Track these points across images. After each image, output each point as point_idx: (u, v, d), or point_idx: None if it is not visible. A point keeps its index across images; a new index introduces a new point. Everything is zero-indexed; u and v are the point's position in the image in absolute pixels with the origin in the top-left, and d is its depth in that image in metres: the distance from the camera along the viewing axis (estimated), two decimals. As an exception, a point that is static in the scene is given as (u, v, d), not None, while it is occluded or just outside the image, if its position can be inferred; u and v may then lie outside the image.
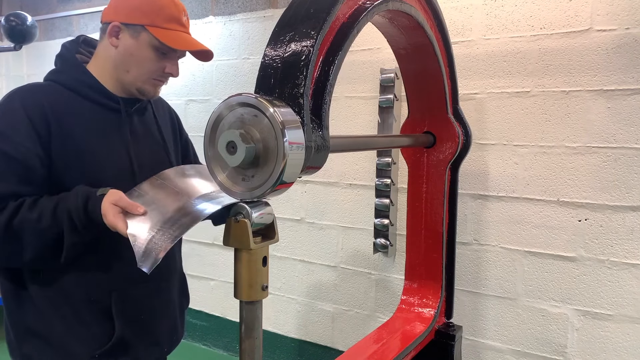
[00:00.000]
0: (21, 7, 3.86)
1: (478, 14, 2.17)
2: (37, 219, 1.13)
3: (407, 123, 1.83)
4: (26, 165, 1.17)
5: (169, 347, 1.46)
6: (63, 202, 1.15)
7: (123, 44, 1.29)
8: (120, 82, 1.32)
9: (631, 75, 1.90)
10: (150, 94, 1.35)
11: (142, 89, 1.33)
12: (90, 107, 1.29)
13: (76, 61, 1.33)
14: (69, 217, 1.13)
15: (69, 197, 1.15)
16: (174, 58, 1.34)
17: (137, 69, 1.30)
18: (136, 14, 1.27)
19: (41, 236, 1.14)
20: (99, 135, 1.27)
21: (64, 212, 1.14)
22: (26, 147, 1.17)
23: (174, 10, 1.30)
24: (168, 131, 1.51)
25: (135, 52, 1.29)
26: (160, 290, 1.40)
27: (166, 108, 1.57)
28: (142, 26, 1.27)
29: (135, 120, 1.38)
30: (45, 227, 1.13)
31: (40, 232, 1.13)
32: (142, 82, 1.32)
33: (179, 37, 1.30)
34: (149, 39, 1.27)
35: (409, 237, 1.88)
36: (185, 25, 1.33)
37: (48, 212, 1.14)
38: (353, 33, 1.08)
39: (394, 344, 1.65)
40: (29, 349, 1.27)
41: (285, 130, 0.87)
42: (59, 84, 1.28)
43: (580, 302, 2.05)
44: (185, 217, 1.12)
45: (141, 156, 1.35)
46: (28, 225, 1.13)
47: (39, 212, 1.14)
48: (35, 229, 1.13)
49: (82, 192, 1.15)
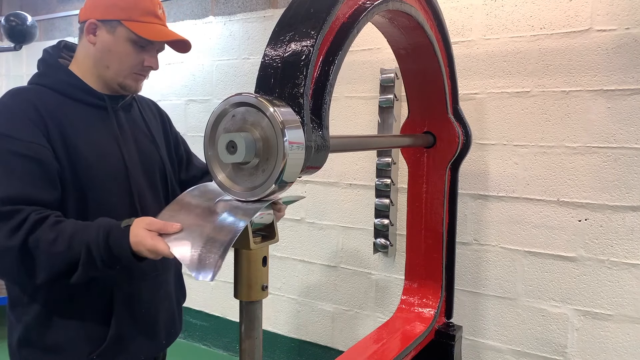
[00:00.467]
0: (21, 7, 3.86)
1: (478, 14, 2.17)
2: (53, 241, 1.09)
3: (407, 123, 1.83)
4: (39, 161, 1.16)
5: (167, 340, 1.47)
6: (82, 234, 1.10)
7: (101, 41, 1.29)
8: (102, 78, 1.32)
9: (631, 75, 1.90)
10: (133, 88, 1.35)
11: (123, 84, 1.33)
12: (77, 107, 1.29)
13: (58, 63, 1.33)
14: (87, 252, 1.09)
15: (89, 230, 1.10)
16: (152, 51, 1.34)
17: (117, 64, 1.30)
18: (112, 9, 1.27)
19: (55, 260, 1.10)
20: (88, 133, 1.28)
21: (82, 244, 1.09)
22: (36, 143, 1.16)
23: (148, 4, 1.30)
24: (156, 126, 1.52)
25: (113, 48, 1.29)
26: (158, 285, 1.41)
27: (152, 105, 1.58)
28: (118, 21, 1.27)
29: (121, 116, 1.38)
30: (59, 252, 1.09)
31: (54, 255, 1.09)
32: (123, 77, 1.32)
33: (155, 30, 1.30)
34: (126, 33, 1.28)
35: (409, 237, 1.88)
36: (161, 17, 1.34)
37: (65, 238, 1.09)
38: (353, 33, 1.08)
39: (394, 344, 1.65)
40: (28, 352, 1.27)
41: (285, 130, 0.87)
42: (44, 87, 1.28)
43: (580, 302, 2.05)
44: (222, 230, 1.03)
45: (131, 151, 1.36)
46: (43, 247, 1.09)
47: (57, 234, 1.09)
48: (49, 252, 1.09)
49: (103, 226, 1.11)
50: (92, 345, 1.27)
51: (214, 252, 0.95)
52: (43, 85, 1.29)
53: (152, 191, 1.41)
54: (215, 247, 0.96)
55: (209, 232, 1.00)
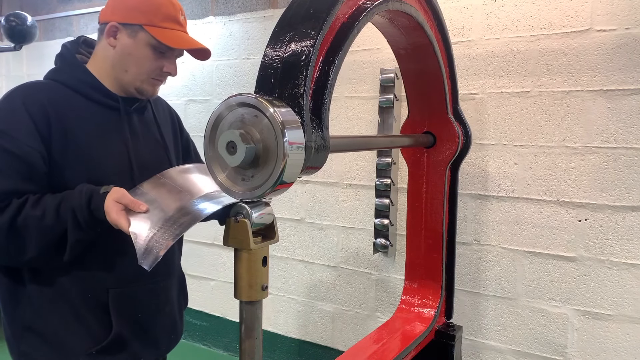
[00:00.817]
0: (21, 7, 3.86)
1: (478, 14, 2.17)
2: (41, 216, 1.13)
3: (407, 123, 1.83)
4: (28, 163, 1.17)
5: (168, 346, 1.47)
6: (67, 200, 1.15)
7: (121, 44, 1.29)
8: (119, 81, 1.32)
9: (631, 75, 1.90)
10: (149, 93, 1.36)
11: (140, 88, 1.33)
12: (90, 106, 1.29)
13: (76, 60, 1.33)
14: (72, 215, 1.14)
15: (73, 195, 1.16)
16: (172, 57, 1.35)
17: (136, 68, 1.30)
18: (133, 13, 1.27)
19: (45, 233, 1.14)
20: (98, 133, 1.28)
21: (67, 209, 1.14)
22: (29, 145, 1.17)
23: (171, 10, 1.30)
24: (168, 130, 1.52)
25: (133, 52, 1.29)
26: (158, 290, 1.40)
27: (166, 108, 1.57)
28: (139, 26, 1.27)
29: (134, 120, 1.38)
30: (49, 225, 1.14)
31: (43, 229, 1.14)
32: (140, 82, 1.32)
33: (176, 36, 1.30)
34: (146, 38, 1.28)
35: (409, 237, 1.88)
36: (182, 24, 1.33)
37: (52, 210, 1.14)
38: (353, 33, 1.08)
39: (394, 344, 1.65)
40: (26, 346, 1.27)
41: (285, 130, 0.87)
42: (59, 83, 1.28)
43: (580, 302, 2.05)
44: (185, 217, 1.12)
45: (140, 155, 1.35)
46: (32, 223, 1.13)
47: (43, 210, 1.14)
48: (38, 226, 1.13)
49: (85, 190, 1.16)
50: (92, 342, 1.27)
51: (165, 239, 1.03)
52: (58, 81, 1.29)
53: None
54: (168, 234, 1.04)
55: (173, 214, 1.09)
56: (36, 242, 1.15)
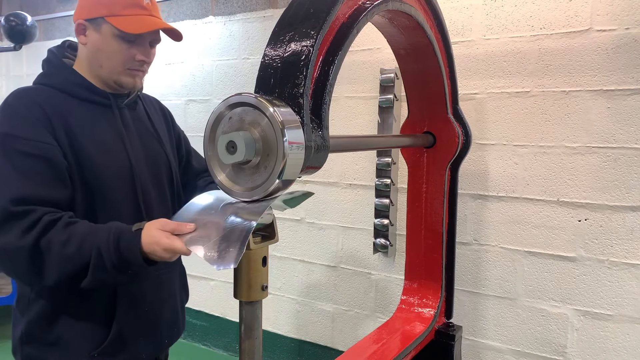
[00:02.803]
0: (21, 7, 3.86)
1: (478, 14, 2.17)
2: (64, 243, 1.09)
3: (407, 123, 1.83)
4: (48, 159, 1.16)
5: (170, 340, 1.47)
6: (93, 237, 1.10)
7: (90, 40, 1.29)
8: (99, 78, 1.32)
9: (631, 75, 1.90)
10: (130, 85, 1.34)
11: (119, 81, 1.32)
12: (82, 106, 1.29)
13: (63, 63, 1.33)
14: (97, 255, 1.08)
15: (100, 233, 1.10)
16: (143, 44, 1.31)
17: (108, 62, 1.29)
18: (96, 7, 1.26)
19: (66, 262, 1.09)
20: (94, 132, 1.28)
21: (92, 247, 1.09)
22: (43, 142, 1.16)
23: None
24: (161, 124, 1.52)
25: (101, 46, 1.28)
26: (162, 284, 1.41)
27: (156, 104, 1.58)
28: (102, 18, 1.26)
29: (127, 115, 1.38)
30: (70, 255, 1.09)
31: (65, 257, 1.09)
32: (117, 74, 1.31)
33: (138, 21, 1.27)
34: (110, 29, 1.26)
35: (409, 237, 1.88)
36: (147, 8, 1.30)
37: (76, 240, 1.09)
38: (353, 33, 1.08)
39: (394, 344, 1.65)
40: (29, 349, 1.27)
41: (285, 130, 0.87)
42: (50, 87, 1.28)
43: (580, 302, 2.05)
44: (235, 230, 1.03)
45: (136, 148, 1.36)
46: (54, 249, 1.09)
47: (68, 236, 1.09)
48: (60, 253, 1.09)
49: (114, 229, 1.11)
50: (94, 343, 1.27)
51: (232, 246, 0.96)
52: (48, 85, 1.28)
53: (157, 189, 1.41)
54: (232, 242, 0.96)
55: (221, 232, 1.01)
56: (56, 270, 1.10)
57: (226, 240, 0.97)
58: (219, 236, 0.99)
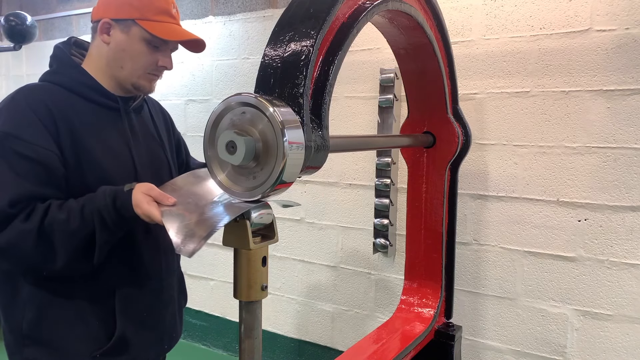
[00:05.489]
0: (21, 7, 3.86)
1: (478, 14, 2.17)
2: (66, 220, 1.12)
3: (407, 123, 1.83)
4: (46, 165, 1.16)
5: (169, 344, 1.47)
6: (90, 203, 1.15)
7: (115, 40, 1.28)
8: (115, 79, 1.31)
9: (631, 75, 1.90)
10: (146, 89, 1.35)
11: (137, 84, 1.32)
12: (90, 107, 1.28)
13: (72, 61, 1.32)
14: (99, 216, 1.13)
15: (96, 197, 1.16)
16: (166, 51, 1.34)
17: (131, 64, 1.29)
18: (126, 8, 1.26)
19: (72, 237, 1.13)
20: (100, 134, 1.27)
21: (93, 212, 1.14)
22: (43, 147, 1.16)
23: (163, 3, 1.29)
24: (162, 129, 1.52)
25: (127, 47, 1.28)
26: (161, 289, 1.40)
27: (157, 106, 1.58)
28: (132, 20, 1.26)
29: (133, 119, 1.38)
30: (75, 228, 1.13)
31: (70, 233, 1.12)
32: (137, 77, 1.31)
33: (169, 29, 1.29)
34: (140, 32, 1.27)
35: (409, 237, 1.88)
36: (175, 17, 1.32)
37: (76, 213, 1.13)
38: (353, 33, 1.08)
39: (394, 344, 1.65)
40: (30, 352, 1.26)
41: (285, 129, 0.87)
42: (57, 85, 1.27)
43: (580, 302, 2.05)
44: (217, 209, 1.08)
45: (141, 154, 1.36)
46: (58, 227, 1.12)
47: (67, 213, 1.13)
48: (65, 230, 1.12)
49: (108, 191, 1.16)
50: (95, 345, 1.27)
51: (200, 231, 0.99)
52: (55, 83, 1.27)
53: None
54: (202, 229, 1.00)
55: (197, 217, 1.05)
56: (65, 247, 1.13)
57: (195, 228, 1.01)
58: (193, 221, 1.04)
